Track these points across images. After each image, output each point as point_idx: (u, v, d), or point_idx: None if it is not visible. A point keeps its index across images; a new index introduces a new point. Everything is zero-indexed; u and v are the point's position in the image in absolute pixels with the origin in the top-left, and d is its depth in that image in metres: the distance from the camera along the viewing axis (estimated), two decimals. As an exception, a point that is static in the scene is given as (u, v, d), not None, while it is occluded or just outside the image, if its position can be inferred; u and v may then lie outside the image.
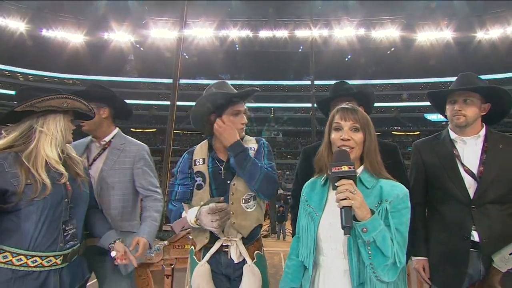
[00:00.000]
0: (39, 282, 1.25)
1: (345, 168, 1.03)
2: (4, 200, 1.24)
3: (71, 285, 1.35)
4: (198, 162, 1.63)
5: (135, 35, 40.43)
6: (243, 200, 1.57)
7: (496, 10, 35.71)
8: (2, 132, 1.34)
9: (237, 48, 43.22)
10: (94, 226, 1.54)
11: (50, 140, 1.33)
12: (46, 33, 39.49)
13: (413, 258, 1.72)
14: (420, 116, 40.55)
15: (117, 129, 1.88)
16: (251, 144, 1.68)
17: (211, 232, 1.52)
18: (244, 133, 1.66)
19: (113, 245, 1.49)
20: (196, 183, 1.61)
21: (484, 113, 1.61)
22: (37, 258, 1.26)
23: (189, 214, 1.48)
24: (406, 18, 38.46)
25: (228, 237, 1.52)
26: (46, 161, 1.31)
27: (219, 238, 1.52)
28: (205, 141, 1.70)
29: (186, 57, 38.99)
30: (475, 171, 1.55)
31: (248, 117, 1.70)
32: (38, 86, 1.48)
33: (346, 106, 1.22)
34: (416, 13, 37.63)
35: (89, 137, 1.87)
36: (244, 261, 1.52)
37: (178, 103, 7.69)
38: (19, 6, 36.32)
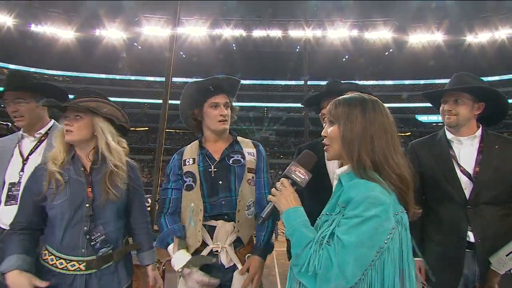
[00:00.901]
0: (66, 284, 1.29)
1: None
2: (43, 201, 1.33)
3: None
4: (188, 162, 1.57)
5: (128, 32, 39.88)
6: (246, 207, 1.54)
7: (485, 15, 36.52)
8: None
9: (234, 48, 43.07)
10: (135, 237, 1.57)
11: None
12: (35, 28, 38.60)
13: None
14: (412, 117, 41.14)
15: (52, 121, 1.81)
16: (248, 148, 1.63)
17: (203, 236, 1.50)
18: (227, 126, 1.58)
19: (146, 267, 1.58)
20: (186, 184, 1.55)
21: (479, 113, 1.60)
22: (63, 261, 1.30)
23: (176, 259, 1.43)
24: (398, 20, 38.96)
25: (217, 243, 1.48)
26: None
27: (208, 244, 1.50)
28: (196, 141, 1.65)
29: (183, 56, 38.72)
30: (471, 171, 1.55)
31: (236, 110, 1.65)
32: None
33: None
34: (408, 15, 38.15)
35: (19, 132, 1.77)
36: (235, 265, 1.48)
37: (171, 101, 7.58)
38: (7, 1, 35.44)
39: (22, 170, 1.66)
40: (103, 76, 42.94)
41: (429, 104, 1.85)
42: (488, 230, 1.49)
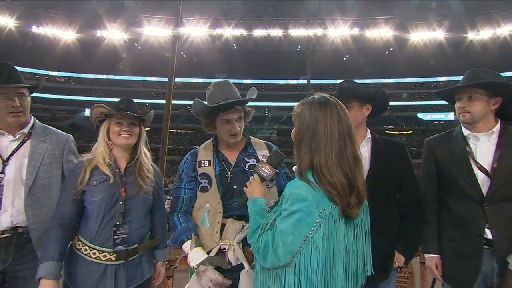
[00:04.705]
0: (99, 273, 1.43)
1: None
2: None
3: (128, 283, 1.49)
4: (203, 164, 1.58)
5: (129, 33, 39.92)
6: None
7: (487, 12, 36.30)
8: None
9: (235, 47, 43.06)
10: (154, 235, 1.70)
11: (98, 145, 1.55)
12: (36, 29, 38.70)
13: (426, 255, 1.70)
14: (413, 115, 40.98)
15: (33, 118, 1.74)
16: (262, 151, 1.64)
17: (220, 236, 1.50)
18: (238, 139, 1.59)
19: (156, 263, 1.71)
20: (201, 185, 1.55)
21: (496, 107, 1.57)
22: (96, 251, 1.45)
23: (193, 255, 1.44)
24: (399, 18, 38.80)
25: (225, 241, 1.49)
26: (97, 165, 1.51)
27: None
28: (209, 141, 1.65)
29: (184, 56, 38.78)
30: (488, 168, 1.53)
31: (251, 114, 1.64)
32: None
33: None
34: (409, 13, 37.98)
35: None
36: (243, 265, 1.48)
37: (172, 101, 7.58)
38: (9, 2, 35.53)
39: (3, 171, 1.57)
40: (104, 76, 43.03)
41: (429, 102, 1.83)
42: (507, 228, 1.47)
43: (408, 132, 38.88)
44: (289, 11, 38.71)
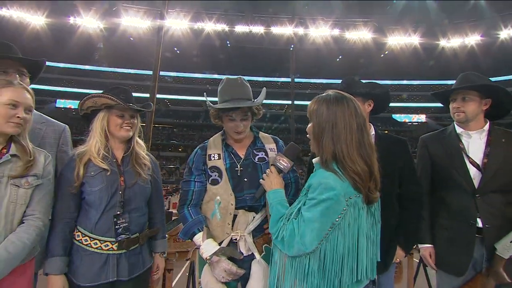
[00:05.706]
0: (100, 262, 1.42)
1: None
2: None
3: (130, 272, 1.47)
4: (213, 157, 1.59)
5: (105, 21, 38.09)
6: None
7: (457, 21, 38.65)
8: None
9: (229, 45, 42.39)
10: (152, 225, 1.66)
11: (93, 136, 1.50)
12: None
13: (420, 245, 1.81)
14: (388, 116, 42.81)
15: None
16: (269, 144, 1.67)
17: (231, 227, 1.52)
18: (242, 136, 1.60)
19: (155, 254, 1.66)
20: (211, 178, 1.57)
21: (486, 108, 1.71)
22: (97, 241, 1.44)
23: (205, 247, 1.46)
24: (378, 22, 40.18)
25: (237, 232, 1.51)
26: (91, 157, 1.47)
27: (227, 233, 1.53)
28: (218, 136, 1.67)
29: (178, 52, 37.62)
30: (479, 162, 1.66)
31: (260, 110, 1.67)
32: None
33: None
34: (387, 17, 39.47)
35: None
36: (253, 255, 1.51)
37: (146, 95, 7.39)
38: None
39: None
40: (78, 66, 40.88)
41: (404, 104, 1.94)
42: (496, 217, 1.60)
43: (384, 132, 40.52)
44: (276, 10, 38.70)
